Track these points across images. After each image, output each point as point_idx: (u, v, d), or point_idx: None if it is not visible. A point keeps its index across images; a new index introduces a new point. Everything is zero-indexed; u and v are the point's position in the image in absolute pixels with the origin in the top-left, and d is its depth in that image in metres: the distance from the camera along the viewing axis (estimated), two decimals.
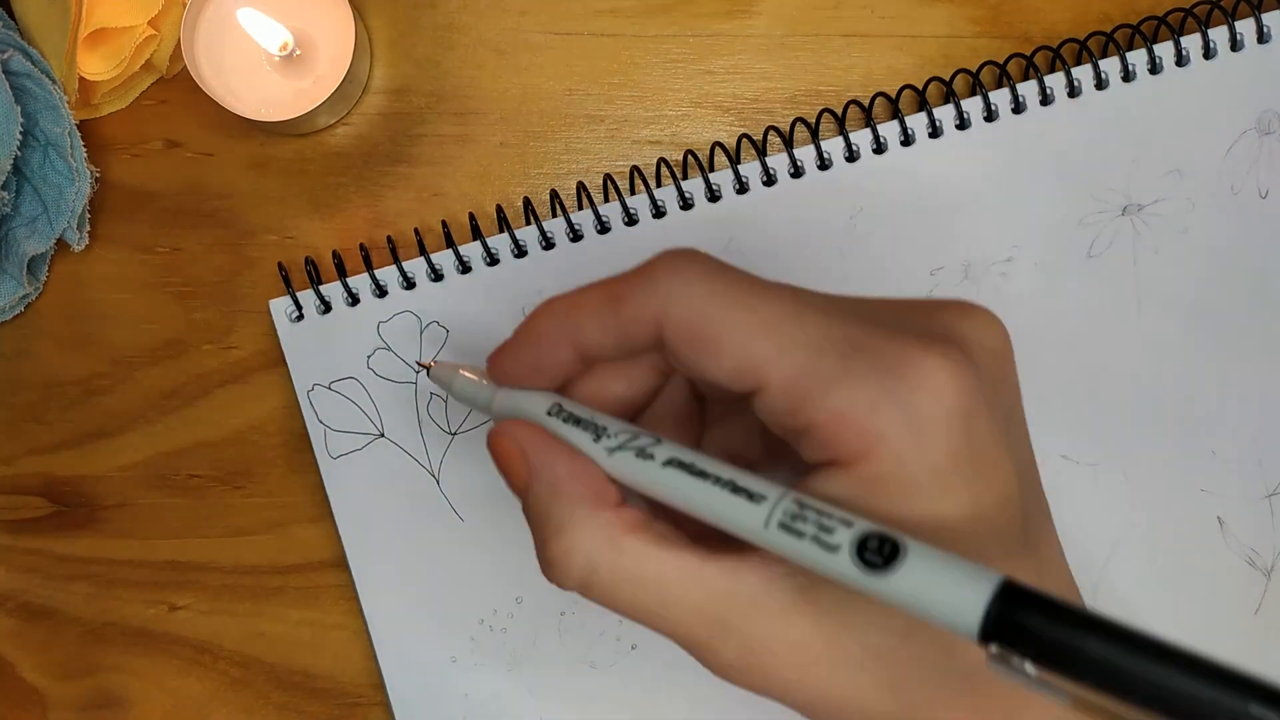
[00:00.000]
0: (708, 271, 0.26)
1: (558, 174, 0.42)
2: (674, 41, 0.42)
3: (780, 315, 0.25)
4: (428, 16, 0.42)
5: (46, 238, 0.40)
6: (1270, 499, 0.40)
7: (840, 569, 0.22)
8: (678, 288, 0.25)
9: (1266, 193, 0.40)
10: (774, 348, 0.24)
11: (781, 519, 0.23)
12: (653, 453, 0.26)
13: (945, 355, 0.24)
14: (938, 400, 0.24)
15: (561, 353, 0.28)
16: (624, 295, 0.26)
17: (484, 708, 0.39)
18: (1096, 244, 0.40)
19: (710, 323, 0.25)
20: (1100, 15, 0.42)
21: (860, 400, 0.24)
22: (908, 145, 0.40)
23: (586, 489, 0.26)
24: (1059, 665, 0.19)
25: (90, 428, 0.42)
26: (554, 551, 0.26)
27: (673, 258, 0.26)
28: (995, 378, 0.26)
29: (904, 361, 0.24)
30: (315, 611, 0.41)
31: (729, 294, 0.25)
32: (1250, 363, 0.40)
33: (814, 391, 0.24)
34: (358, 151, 0.42)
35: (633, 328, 0.26)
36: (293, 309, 0.40)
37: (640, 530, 0.26)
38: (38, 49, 0.39)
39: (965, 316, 0.26)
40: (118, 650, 0.41)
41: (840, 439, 0.24)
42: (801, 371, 0.24)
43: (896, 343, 0.24)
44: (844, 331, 0.25)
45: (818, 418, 0.24)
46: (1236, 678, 0.18)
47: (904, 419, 0.24)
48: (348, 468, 0.40)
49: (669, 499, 0.25)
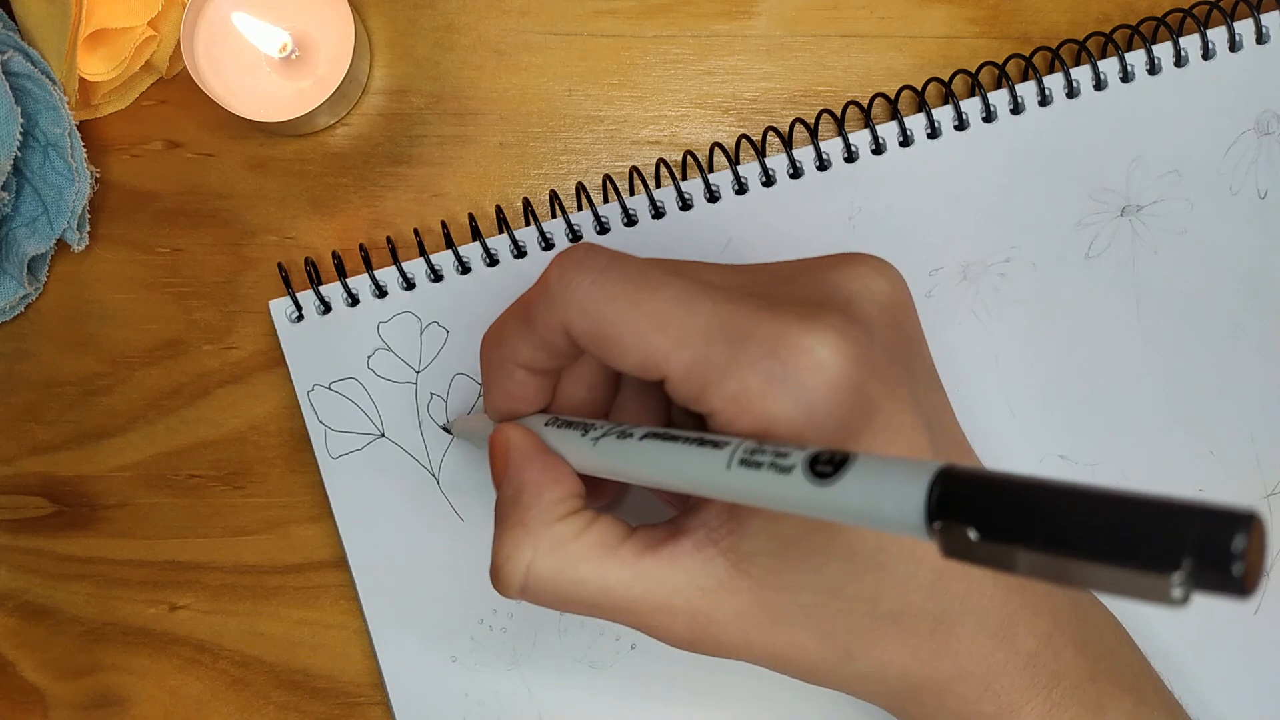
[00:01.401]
0: (599, 272, 0.27)
1: (557, 174, 0.42)
2: (673, 42, 0.42)
3: (671, 307, 0.26)
4: (427, 17, 0.42)
5: (46, 238, 0.40)
6: (1269, 499, 0.40)
7: (795, 489, 0.23)
8: (573, 295, 0.27)
9: (1265, 193, 0.40)
10: (668, 341, 0.26)
11: (742, 455, 0.24)
12: (632, 432, 0.27)
13: (827, 326, 0.25)
14: (820, 374, 0.25)
15: (516, 376, 0.30)
16: (532, 310, 0.28)
17: (484, 708, 0.39)
18: (1095, 245, 0.40)
19: (607, 324, 0.26)
20: (1099, 16, 0.42)
21: (751, 386, 0.25)
22: (906, 146, 0.40)
23: (541, 500, 0.28)
24: (1003, 533, 0.19)
25: (90, 428, 0.42)
26: (498, 556, 0.28)
27: (563, 262, 0.27)
28: (887, 330, 0.27)
29: (785, 340, 0.25)
30: (315, 611, 0.41)
31: (621, 293, 0.26)
32: (1248, 363, 0.40)
33: (710, 379, 0.25)
34: (357, 152, 0.42)
35: (550, 337, 0.28)
36: (292, 309, 0.40)
37: (582, 535, 0.28)
38: (38, 49, 0.39)
39: (852, 272, 0.28)
40: (118, 650, 0.41)
41: (739, 423, 0.25)
42: (695, 360, 0.26)
43: (780, 321, 0.25)
44: (731, 315, 0.26)
45: (717, 404, 0.25)
46: (1175, 507, 0.17)
47: (791, 399, 0.25)
48: (348, 468, 0.40)
49: (644, 470, 0.27)
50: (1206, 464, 0.40)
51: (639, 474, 0.27)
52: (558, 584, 0.27)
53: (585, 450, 0.28)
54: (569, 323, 0.27)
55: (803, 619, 0.27)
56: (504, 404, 0.31)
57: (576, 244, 0.28)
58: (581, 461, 0.29)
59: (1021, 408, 0.40)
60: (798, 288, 0.27)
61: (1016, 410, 0.40)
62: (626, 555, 0.27)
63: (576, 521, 0.28)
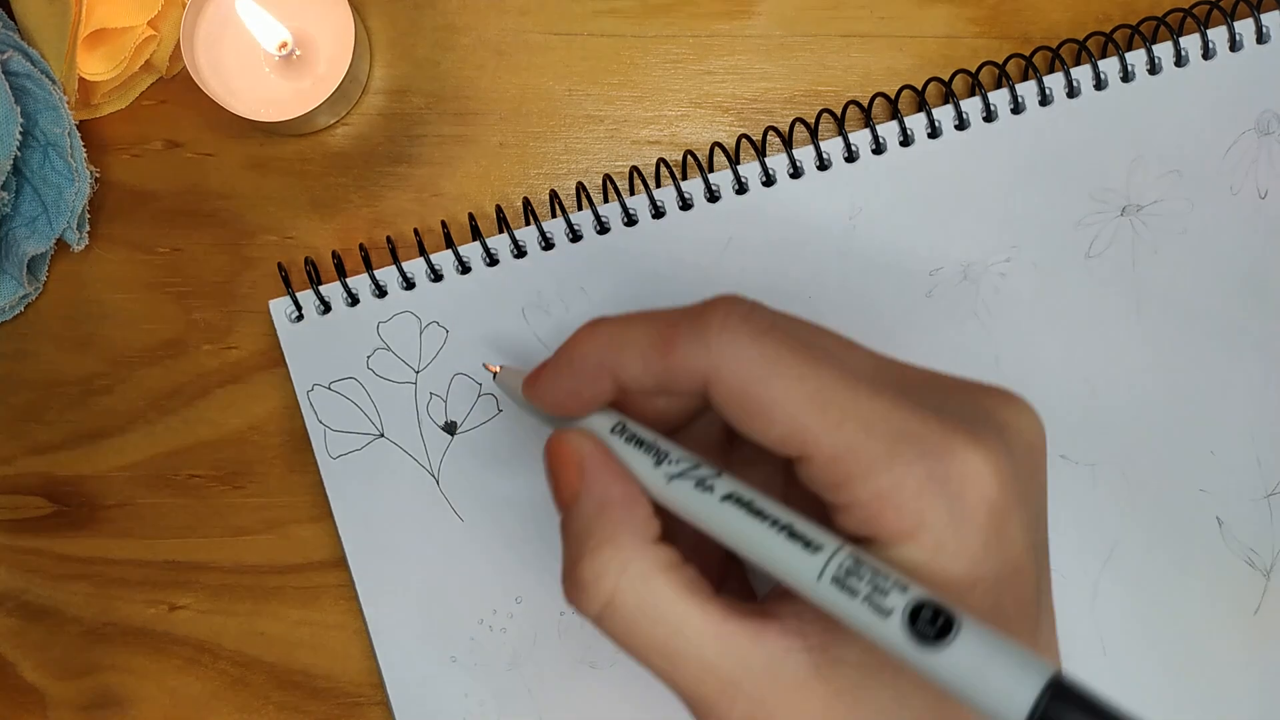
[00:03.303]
0: (761, 331, 0.25)
1: (557, 174, 0.42)
2: (673, 42, 0.42)
3: (832, 388, 0.24)
4: (427, 17, 0.42)
5: (46, 238, 0.40)
6: (1269, 499, 0.40)
7: (890, 635, 0.21)
8: (730, 347, 0.25)
9: (1266, 193, 0.40)
10: (823, 423, 0.24)
11: (836, 573, 0.23)
12: (712, 485, 0.25)
13: (989, 448, 0.24)
14: (979, 492, 0.24)
15: (601, 384, 0.27)
16: (674, 342, 0.26)
17: (484, 708, 0.39)
18: (1095, 244, 0.40)
19: (761, 388, 0.25)
20: (1099, 16, 0.42)
21: (906, 485, 0.24)
22: (907, 146, 0.40)
23: (633, 516, 0.26)
24: None
25: (90, 428, 0.42)
26: (584, 572, 0.26)
27: (727, 309, 0.26)
28: (1029, 472, 0.26)
29: (949, 450, 0.24)
30: (315, 611, 0.41)
31: (781, 359, 0.25)
32: (1249, 363, 0.40)
33: (859, 471, 0.24)
34: (357, 152, 0.42)
35: (679, 376, 0.26)
36: (292, 309, 0.40)
37: (672, 571, 0.25)
38: (38, 49, 0.39)
39: (1006, 404, 0.26)
40: (118, 650, 0.41)
41: (882, 519, 0.24)
42: (849, 449, 0.24)
43: (944, 429, 0.24)
44: (892, 411, 0.24)
45: (861, 496, 0.24)
46: None
47: (946, 507, 0.24)
48: (348, 468, 0.40)
49: (722, 534, 0.25)
50: (1206, 464, 0.40)
51: (713, 533, 0.25)
52: (638, 616, 0.25)
53: (655, 482, 0.26)
54: (716, 373, 0.25)
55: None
56: (569, 402, 0.28)
57: (736, 296, 0.26)
58: (647, 492, 0.27)
59: None
60: (952, 401, 0.26)
61: None
62: (714, 612, 0.25)
63: (670, 553, 0.26)
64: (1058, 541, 0.39)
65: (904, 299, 0.40)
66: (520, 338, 0.40)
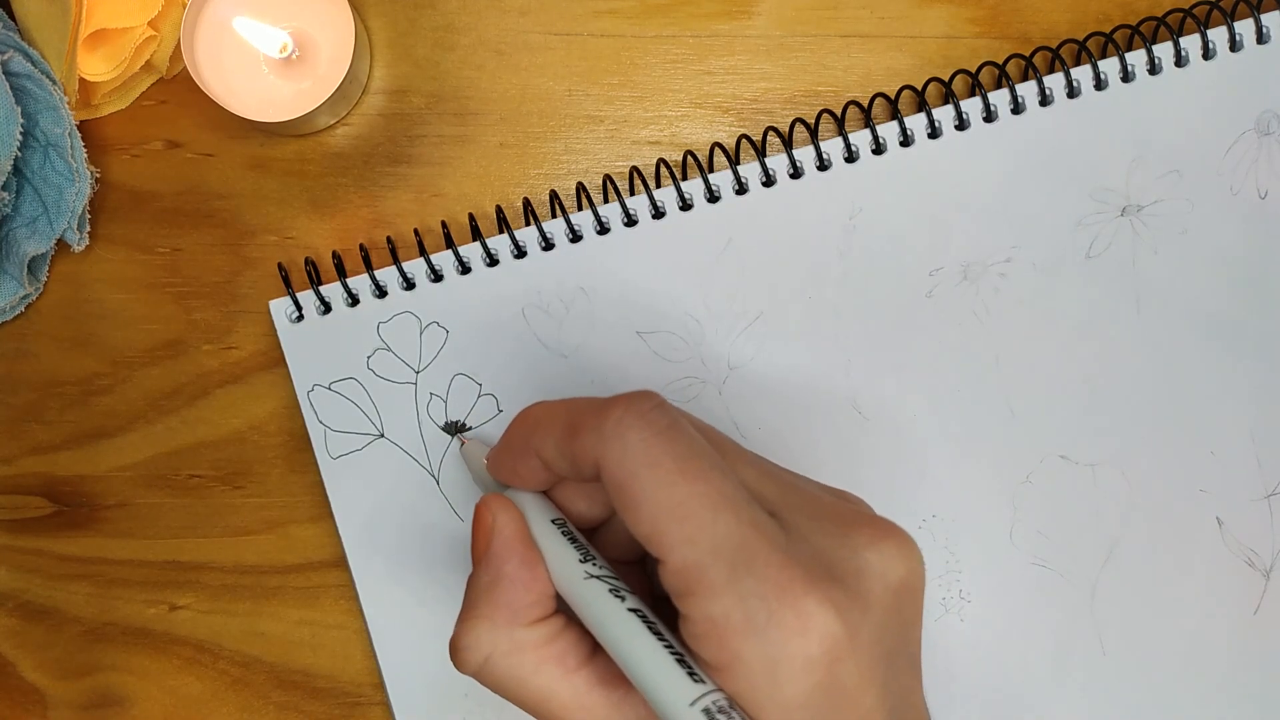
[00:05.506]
0: (655, 432, 0.27)
1: (557, 174, 0.42)
2: (673, 42, 0.42)
3: (696, 503, 0.26)
4: (427, 17, 0.42)
5: (46, 238, 0.40)
6: (1269, 499, 0.40)
7: None
8: (618, 441, 0.27)
9: (1266, 193, 0.40)
10: (679, 534, 0.26)
11: (709, 705, 0.24)
12: (623, 595, 0.27)
13: (826, 598, 0.25)
14: (802, 644, 0.25)
15: (531, 461, 0.30)
16: (579, 429, 0.28)
17: (484, 708, 0.39)
18: (1095, 245, 0.40)
19: (637, 488, 0.26)
20: (1099, 16, 0.42)
21: (732, 619, 0.25)
22: (907, 146, 0.40)
23: (519, 597, 0.28)
24: None
25: (90, 428, 0.42)
26: (461, 638, 0.29)
27: (628, 405, 0.27)
28: (885, 615, 0.27)
29: (785, 593, 0.25)
30: (315, 611, 0.41)
31: (659, 464, 0.26)
32: (1249, 363, 0.40)
33: (701, 589, 0.25)
34: (357, 152, 0.42)
35: (580, 462, 0.28)
36: (292, 309, 0.40)
37: (543, 647, 0.28)
38: (38, 50, 0.39)
39: (876, 544, 0.27)
40: (118, 650, 0.41)
41: (706, 642, 0.25)
42: (696, 565, 0.26)
43: (788, 572, 0.25)
44: (745, 541, 0.26)
45: (695, 614, 0.26)
46: None
47: (764, 652, 0.25)
48: (348, 468, 0.40)
49: (615, 640, 0.27)
50: (1206, 464, 0.40)
51: (604, 637, 0.27)
52: (506, 683, 0.28)
53: (571, 575, 0.28)
54: (604, 463, 0.27)
55: None
56: (508, 477, 0.31)
57: (648, 393, 0.28)
58: (561, 579, 0.29)
59: (1021, 408, 0.40)
60: (820, 533, 0.27)
61: (1016, 410, 0.40)
62: (579, 682, 0.28)
63: (543, 630, 0.28)
64: (1058, 541, 0.39)
65: (904, 299, 0.40)
66: (520, 338, 0.40)
